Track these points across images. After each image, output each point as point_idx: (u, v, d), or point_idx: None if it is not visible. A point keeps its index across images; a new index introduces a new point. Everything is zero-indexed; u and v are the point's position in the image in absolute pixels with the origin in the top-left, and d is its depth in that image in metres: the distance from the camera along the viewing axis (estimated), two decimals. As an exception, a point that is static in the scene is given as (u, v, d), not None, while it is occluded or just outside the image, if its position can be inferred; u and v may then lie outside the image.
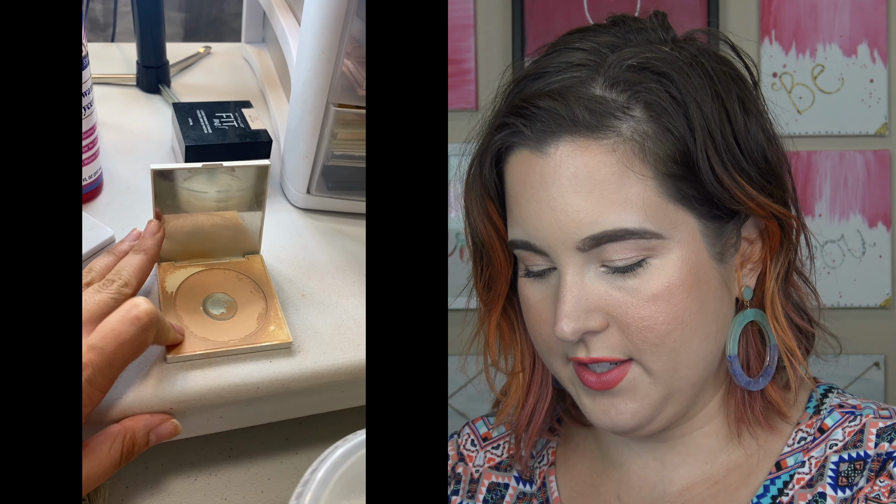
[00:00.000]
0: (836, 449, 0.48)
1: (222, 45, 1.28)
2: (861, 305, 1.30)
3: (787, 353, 0.49)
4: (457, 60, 1.28)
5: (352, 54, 0.81)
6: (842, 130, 1.30)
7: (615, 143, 0.45)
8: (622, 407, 0.48)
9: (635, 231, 0.45)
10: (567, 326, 0.46)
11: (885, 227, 1.31)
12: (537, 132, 0.46)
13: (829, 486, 0.47)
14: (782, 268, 0.50)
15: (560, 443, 0.57)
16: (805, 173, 1.30)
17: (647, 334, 0.46)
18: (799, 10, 1.30)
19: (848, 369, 1.30)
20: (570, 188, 0.46)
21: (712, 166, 0.46)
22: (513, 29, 1.28)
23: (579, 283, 0.47)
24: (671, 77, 0.46)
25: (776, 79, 1.29)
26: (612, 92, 0.46)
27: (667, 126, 0.45)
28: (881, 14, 1.29)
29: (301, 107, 0.82)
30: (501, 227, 0.51)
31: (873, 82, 1.29)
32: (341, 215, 0.89)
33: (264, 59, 1.16)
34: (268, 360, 0.67)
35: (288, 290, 0.76)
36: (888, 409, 0.49)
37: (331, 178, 0.88)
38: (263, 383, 0.65)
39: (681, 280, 0.46)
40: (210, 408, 0.64)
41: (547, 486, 0.55)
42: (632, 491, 0.52)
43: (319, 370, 0.68)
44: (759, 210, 0.47)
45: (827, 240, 1.31)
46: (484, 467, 0.58)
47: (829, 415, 0.50)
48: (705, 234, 0.47)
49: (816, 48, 1.30)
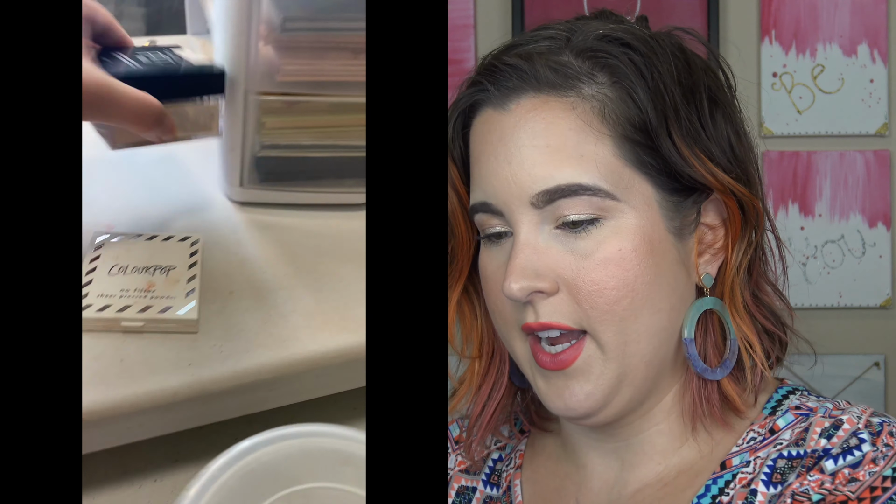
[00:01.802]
0: (780, 448, 0.47)
1: (167, 38, 1.27)
2: (861, 305, 1.31)
3: (745, 343, 0.49)
4: (457, 60, 1.28)
5: (268, 38, 0.78)
6: (842, 130, 1.30)
7: (575, 102, 0.46)
8: (576, 389, 0.47)
9: (589, 187, 0.46)
10: (515, 283, 0.46)
11: (885, 227, 1.31)
12: (501, 88, 0.48)
13: (762, 482, 0.46)
14: (745, 257, 0.49)
15: (528, 445, 0.57)
16: (805, 173, 1.30)
17: (596, 299, 0.46)
18: (799, 10, 1.30)
19: (848, 369, 1.30)
20: (528, 142, 0.47)
21: (671, 134, 0.46)
22: (513, 29, 1.28)
23: (532, 243, 0.47)
24: (637, 48, 0.47)
25: (776, 79, 1.29)
26: (578, 59, 0.47)
27: (628, 91, 0.46)
28: (881, 14, 1.29)
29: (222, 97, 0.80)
30: (464, 194, 0.51)
31: (873, 82, 1.30)
32: (277, 207, 0.86)
33: (208, 51, 1.14)
34: (187, 363, 0.64)
35: (216, 286, 0.72)
36: (843, 408, 0.47)
37: (262, 170, 0.85)
38: (181, 388, 0.62)
39: (633, 245, 0.46)
40: (126, 416, 0.61)
41: (512, 490, 0.55)
42: (591, 493, 0.52)
43: (243, 370, 0.64)
44: (717, 184, 0.47)
45: (827, 240, 1.31)
46: (454, 470, 0.57)
47: (783, 416, 0.48)
48: (662, 205, 0.47)
49: (816, 48, 1.30)
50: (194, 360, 0.65)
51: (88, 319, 0.67)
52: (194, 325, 0.68)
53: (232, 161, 0.83)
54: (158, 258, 0.75)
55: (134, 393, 0.62)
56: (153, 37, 1.26)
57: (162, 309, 0.68)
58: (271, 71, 0.79)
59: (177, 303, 0.69)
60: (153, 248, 0.77)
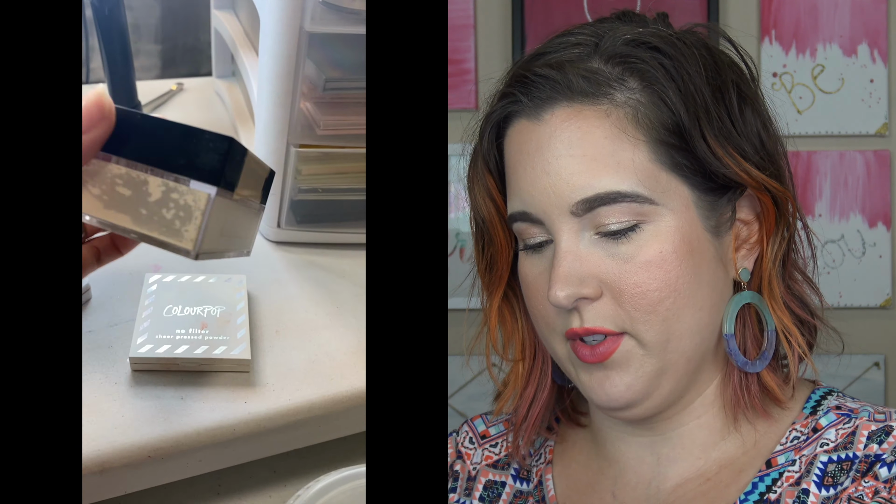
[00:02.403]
0: (827, 449, 0.48)
1: (194, 80, 1.32)
2: (861, 305, 1.30)
3: (784, 332, 0.50)
4: (457, 60, 1.28)
5: (308, 95, 0.84)
6: (842, 130, 1.30)
7: (609, 109, 0.47)
8: (616, 380, 0.48)
9: (628, 194, 0.46)
10: (561, 291, 0.47)
11: (885, 227, 1.31)
12: (534, 99, 0.48)
13: (815, 483, 0.47)
14: (780, 249, 0.50)
15: (557, 441, 0.57)
16: (805, 173, 1.30)
17: (639, 301, 0.46)
18: (799, 10, 1.30)
19: (848, 369, 1.30)
20: (565, 152, 0.47)
21: (704, 135, 0.47)
22: (513, 29, 1.28)
23: (574, 250, 0.47)
24: (665, 52, 0.48)
25: (776, 79, 1.29)
26: (608, 65, 0.48)
27: (660, 95, 0.47)
28: (881, 14, 1.29)
29: (264, 147, 0.85)
30: (501, 203, 0.52)
31: (873, 82, 1.29)
32: (312, 246, 0.93)
33: (234, 94, 1.20)
34: (243, 401, 0.68)
35: (263, 325, 0.77)
36: (885, 412, 0.49)
37: (299, 212, 0.92)
38: (239, 424, 0.66)
39: (673, 247, 0.47)
40: (188, 452, 0.64)
41: (543, 484, 0.55)
42: (627, 487, 0.52)
43: (295, 407, 0.69)
44: (752, 181, 0.48)
45: (827, 240, 1.31)
46: (481, 465, 0.58)
47: (825, 415, 0.50)
48: (699, 205, 0.48)
49: (816, 48, 1.30)
50: (249, 398, 0.68)
51: (149, 359, 0.70)
52: (247, 364, 0.71)
53: (271, 204, 0.88)
54: (209, 299, 0.78)
55: (195, 430, 0.65)
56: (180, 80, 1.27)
57: (217, 349, 0.71)
58: (312, 125, 0.85)
59: (230, 343, 0.72)
60: (202, 288, 0.80)
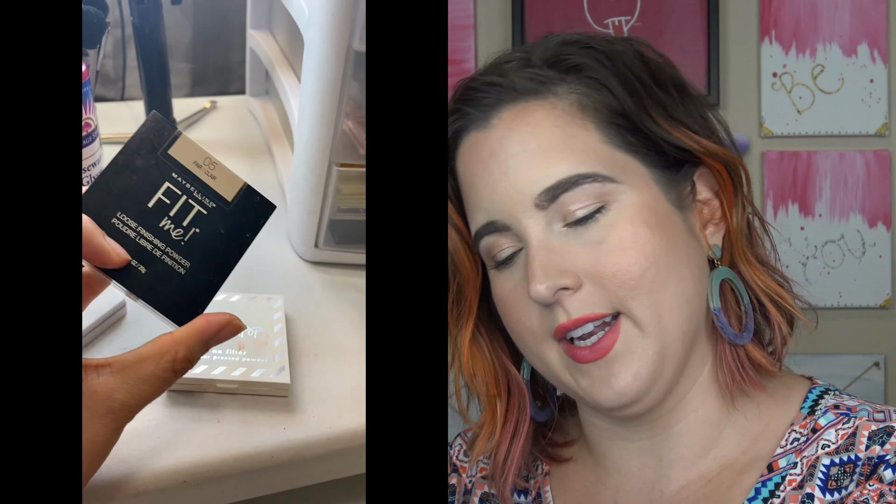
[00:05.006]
0: (829, 451, 0.47)
1: (227, 98, 1.32)
2: (861, 305, 1.30)
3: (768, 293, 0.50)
4: (457, 60, 1.28)
5: (351, 115, 0.83)
6: (842, 130, 1.30)
7: (554, 102, 0.48)
8: (622, 372, 0.47)
9: (587, 174, 0.47)
10: (541, 284, 0.46)
11: (885, 227, 1.31)
12: (481, 108, 0.49)
13: (819, 487, 0.46)
14: (743, 219, 0.51)
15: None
16: (805, 173, 1.30)
17: (622, 278, 0.46)
18: (799, 10, 1.30)
19: (848, 369, 1.30)
20: (519, 148, 0.48)
21: (649, 113, 0.48)
22: (513, 29, 1.28)
23: (546, 244, 0.47)
24: (598, 48, 0.49)
25: (776, 79, 1.29)
26: (545, 67, 0.49)
27: (600, 82, 0.48)
28: (881, 14, 1.29)
29: (304, 166, 0.84)
30: (463, 228, 0.51)
31: (873, 82, 1.29)
32: (350, 267, 0.90)
33: (269, 112, 1.19)
34: (281, 426, 0.65)
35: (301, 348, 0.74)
36: (884, 410, 0.48)
37: (337, 233, 0.90)
38: (278, 451, 0.64)
39: (642, 220, 0.47)
40: (224, 478, 0.62)
41: (542, 496, 0.55)
42: (631, 495, 0.52)
43: (335, 435, 0.66)
44: (701, 149, 0.49)
45: (827, 240, 1.31)
46: (476, 477, 0.57)
47: (823, 415, 0.49)
48: (658, 181, 0.49)
49: (816, 48, 1.30)
50: (288, 423, 0.66)
51: (186, 380, 0.67)
52: (286, 389, 0.69)
53: (309, 224, 0.87)
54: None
55: (233, 456, 0.62)
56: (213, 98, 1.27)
57: (255, 371, 0.69)
58: (354, 144, 0.84)
59: (268, 365, 0.70)
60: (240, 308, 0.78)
